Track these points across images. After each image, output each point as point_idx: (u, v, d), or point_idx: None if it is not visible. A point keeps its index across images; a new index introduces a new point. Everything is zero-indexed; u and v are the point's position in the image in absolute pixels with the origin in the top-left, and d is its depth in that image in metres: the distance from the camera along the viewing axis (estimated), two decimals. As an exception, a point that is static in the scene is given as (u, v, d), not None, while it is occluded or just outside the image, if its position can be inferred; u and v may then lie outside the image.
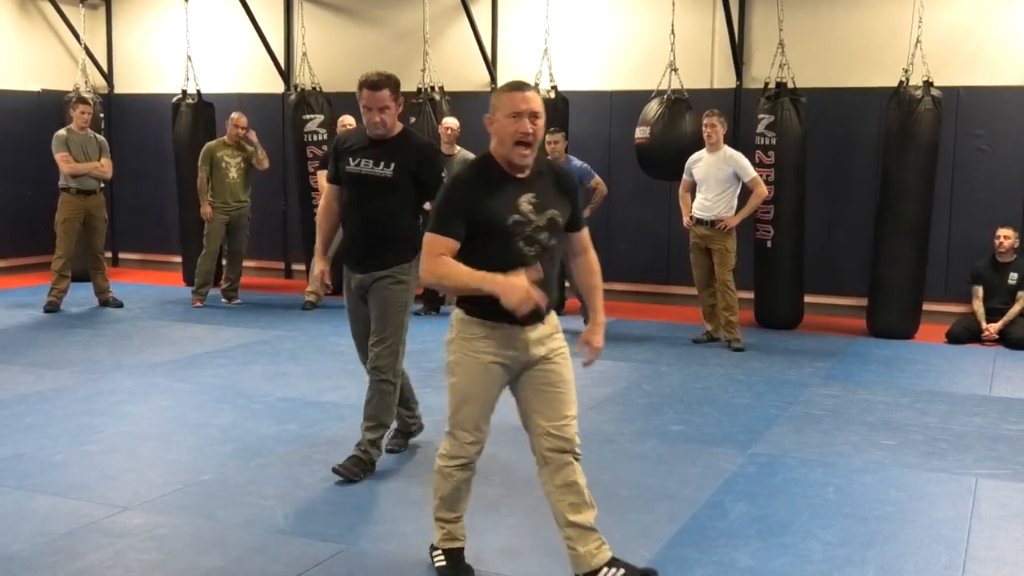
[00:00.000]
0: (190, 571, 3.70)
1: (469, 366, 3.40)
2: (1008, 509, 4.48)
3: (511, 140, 3.34)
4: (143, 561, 3.77)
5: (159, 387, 6.44)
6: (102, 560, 3.77)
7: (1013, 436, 5.59)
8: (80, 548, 3.87)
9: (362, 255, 4.73)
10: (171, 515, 4.24)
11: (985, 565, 3.86)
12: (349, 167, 4.68)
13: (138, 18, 12.25)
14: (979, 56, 8.87)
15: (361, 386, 6.48)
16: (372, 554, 3.87)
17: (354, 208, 4.74)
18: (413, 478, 4.76)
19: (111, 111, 11.95)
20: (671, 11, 8.91)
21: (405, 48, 10.70)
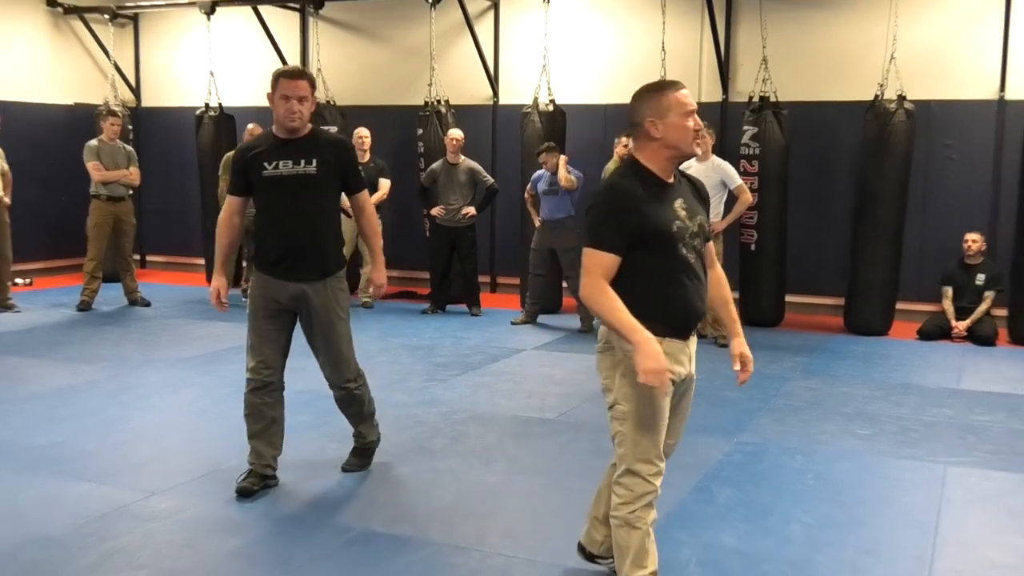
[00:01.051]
0: (213, 552, 3.71)
1: (647, 389, 2.94)
2: (975, 494, 4.49)
3: (690, 138, 3.03)
4: (169, 543, 3.79)
5: (184, 381, 6.45)
6: (131, 542, 3.78)
7: (980, 426, 5.60)
8: (111, 531, 3.89)
9: (292, 262, 4.24)
10: (195, 500, 4.25)
11: (954, 546, 3.87)
12: (266, 171, 4.18)
13: (164, 36, 12.27)
14: (949, 72, 8.88)
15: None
16: (383, 536, 3.88)
17: (277, 214, 4.26)
18: (419, 465, 4.77)
19: (139, 123, 11.97)
20: (662, 29, 8.91)
21: (413, 64, 10.71)
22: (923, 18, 8.83)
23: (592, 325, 8.43)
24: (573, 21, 10.13)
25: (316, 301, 4.29)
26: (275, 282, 4.30)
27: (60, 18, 11.74)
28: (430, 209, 9.07)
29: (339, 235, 4.45)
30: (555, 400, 6.07)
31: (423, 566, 3.60)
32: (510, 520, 4.09)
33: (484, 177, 9.01)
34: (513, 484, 4.53)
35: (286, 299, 4.31)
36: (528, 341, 7.96)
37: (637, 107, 3.10)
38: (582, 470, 4.73)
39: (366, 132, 9.44)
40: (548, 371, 6.92)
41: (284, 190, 4.21)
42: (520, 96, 10.06)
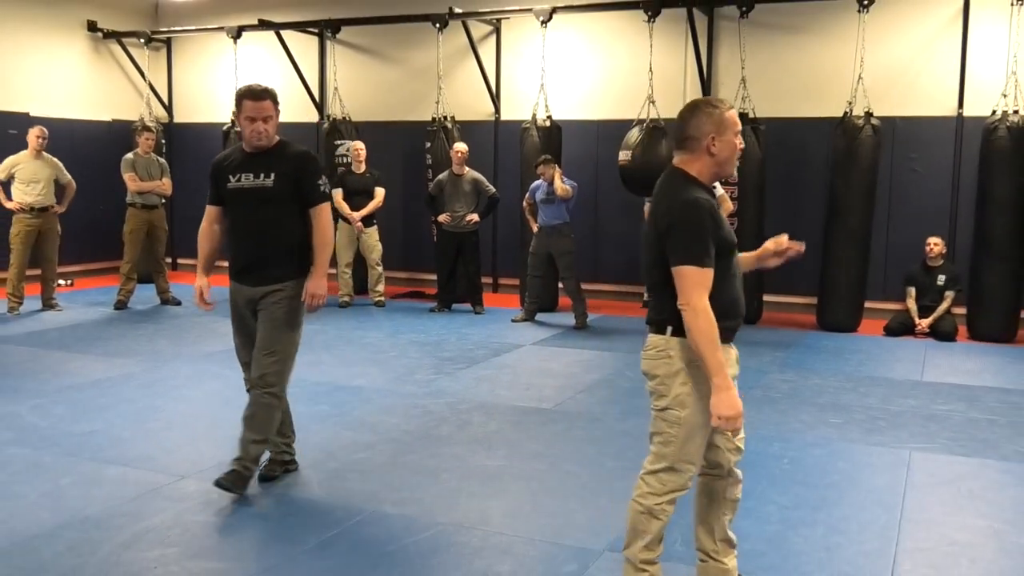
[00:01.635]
0: (237, 531, 3.70)
1: (705, 395, 2.83)
2: (937, 478, 4.48)
3: (736, 157, 2.96)
4: (198, 522, 3.78)
5: (211, 373, 6.44)
6: (164, 521, 3.77)
7: (942, 415, 5.58)
8: (145, 511, 3.88)
9: (250, 267, 4.19)
10: (222, 483, 4.24)
11: (918, 525, 3.86)
12: (230, 184, 4.13)
13: (195, 58, 12.26)
14: (913, 90, 8.86)
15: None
16: (393, 516, 3.87)
17: (239, 223, 4.20)
18: (426, 451, 4.76)
19: (171, 138, 11.96)
20: (649, 52, 8.89)
21: (421, 83, 10.70)
22: (888, 41, 8.81)
23: (586, 323, 8.42)
24: (568, 43, 10.12)
25: (263, 306, 4.19)
26: (239, 287, 4.27)
27: (99, 42, 11.74)
28: (437, 216, 9.06)
29: (300, 245, 4.19)
30: (551, 391, 6.06)
31: (430, 544, 3.59)
32: (510, 501, 4.08)
33: (487, 187, 9.00)
34: (513, 468, 4.52)
35: (245, 303, 4.26)
36: (527, 337, 7.95)
37: (696, 122, 2.90)
38: (576, 455, 4.72)
39: (361, 145, 9.46)
40: (545, 365, 6.91)
41: (245, 202, 4.14)
42: (520, 112, 10.04)
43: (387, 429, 5.13)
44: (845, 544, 3.62)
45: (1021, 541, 3.71)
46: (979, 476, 4.51)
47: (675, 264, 2.78)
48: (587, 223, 9.78)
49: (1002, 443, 5.03)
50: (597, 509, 3.97)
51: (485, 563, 3.43)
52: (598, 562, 3.44)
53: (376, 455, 4.67)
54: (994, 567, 3.49)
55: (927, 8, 8.77)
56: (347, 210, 9.26)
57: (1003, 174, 7.87)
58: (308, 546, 3.55)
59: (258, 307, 4.20)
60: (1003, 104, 7.95)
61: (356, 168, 9.44)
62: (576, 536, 3.67)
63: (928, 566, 3.47)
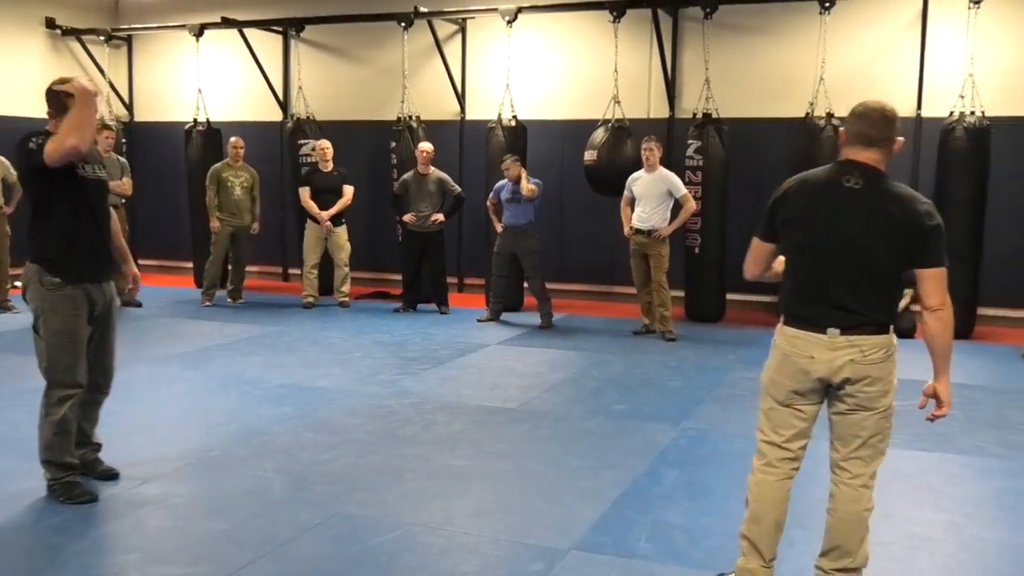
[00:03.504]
0: (200, 534, 3.66)
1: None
2: (895, 472, 4.52)
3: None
4: (160, 527, 3.73)
5: (172, 376, 6.36)
6: (125, 526, 3.72)
7: (902, 411, 5.58)
8: (106, 515, 3.82)
9: (102, 260, 4.07)
10: (184, 486, 4.19)
11: (879, 520, 3.88)
12: (84, 172, 3.93)
13: (156, 56, 12.10)
14: (872, 91, 8.92)
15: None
16: (358, 517, 3.84)
17: (87, 213, 3.96)
18: (391, 451, 4.73)
19: (132, 137, 11.79)
20: (614, 52, 8.92)
21: (386, 82, 10.65)
22: (848, 43, 8.92)
23: (552, 322, 8.43)
24: (534, 43, 10.13)
25: (109, 308, 4.11)
26: (76, 286, 3.99)
27: (58, 39, 11.54)
28: (402, 216, 9.02)
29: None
30: (517, 391, 6.06)
31: (395, 545, 3.57)
32: (476, 501, 4.07)
33: (452, 186, 8.98)
34: (478, 468, 4.51)
35: (90, 298, 4.03)
36: (492, 337, 7.94)
37: (896, 125, 2.92)
38: (541, 454, 4.72)
39: (327, 144, 9.40)
40: (511, 364, 6.91)
41: (94, 192, 4.02)
42: (485, 112, 10.03)
43: (351, 430, 5.09)
44: (807, 539, 3.65)
45: (980, 534, 3.77)
46: (938, 470, 4.58)
47: (934, 265, 2.87)
48: (552, 223, 9.80)
49: (960, 438, 5.11)
50: (563, 508, 3.97)
51: (451, 563, 3.41)
52: (564, 561, 3.44)
53: (340, 456, 4.63)
54: (953, 560, 3.55)
55: (887, 10, 8.89)
56: (315, 209, 9.20)
57: (960, 175, 7.99)
58: (271, 549, 3.52)
59: (103, 305, 4.08)
60: (960, 105, 8.07)
61: (323, 167, 9.38)
62: (542, 535, 3.67)
63: (889, 560, 3.51)
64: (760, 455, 3.07)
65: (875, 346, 2.90)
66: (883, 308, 2.94)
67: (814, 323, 2.91)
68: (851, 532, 3.01)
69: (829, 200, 2.91)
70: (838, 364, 2.89)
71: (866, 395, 2.93)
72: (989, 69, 8.36)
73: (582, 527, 3.76)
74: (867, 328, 2.89)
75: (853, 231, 2.87)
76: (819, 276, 2.92)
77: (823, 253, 2.91)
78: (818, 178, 3.00)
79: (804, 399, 2.97)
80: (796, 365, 2.93)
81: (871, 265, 2.88)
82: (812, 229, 2.92)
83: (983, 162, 7.94)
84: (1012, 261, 8.47)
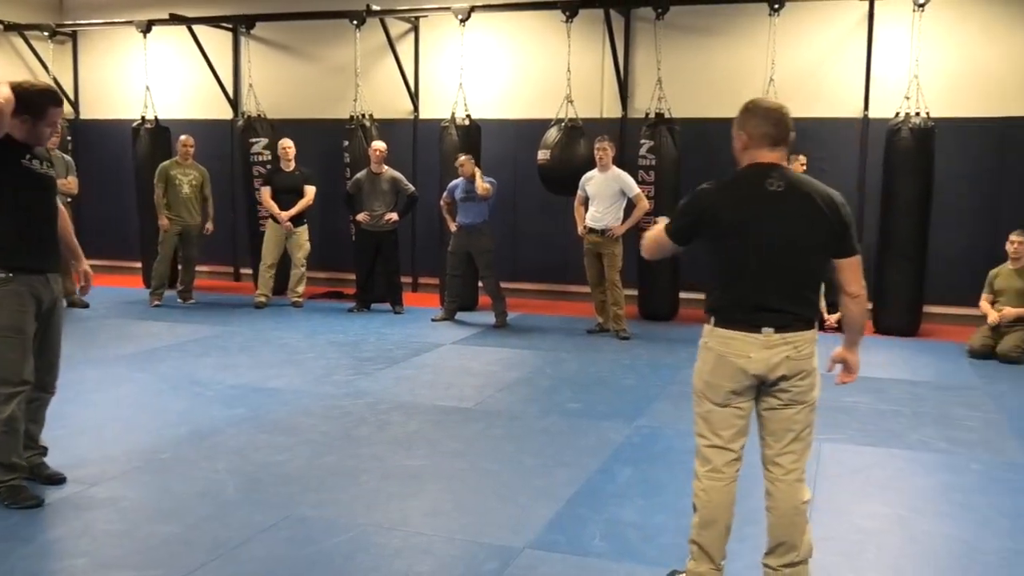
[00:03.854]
0: (151, 538, 3.60)
1: None
2: (846, 467, 4.62)
3: None
4: (109, 531, 3.67)
5: (122, 377, 6.26)
6: (73, 530, 3.66)
7: (850, 407, 5.76)
8: (53, 520, 3.75)
9: (49, 253, 4.04)
10: (133, 489, 4.12)
11: (828, 514, 3.98)
12: (30, 165, 3.87)
13: (101, 52, 11.88)
14: (820, 93, 9.13)
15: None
16: (312, 518, 3.82)
17: (34, 206, 3.91)
18: (345, 452, 4.71)
19: (78, 135, 11.54)
20: (567, 52, 8.96)
21: (339, 80, 10.58)
22: (797, 45, 9.06)
23: (506, 322, 8.44)
24: (487, 43, 10.13)
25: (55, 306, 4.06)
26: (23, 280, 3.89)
27: (0, 36, 11.29)
28: (355, 215, 8.97)
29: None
30: (472, 390, 6.06)
31: (350, 546, 3.55)
32: (431, 501, 4.06)
33: (405, 186, 8.95)
34: (433, 467, 4.50)
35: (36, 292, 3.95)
36: (447, 336, 7.93)
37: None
38: (496, 453, 4.73)
39: (289, 143, 9.32)
40: (465, 364, 6.91)
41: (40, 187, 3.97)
42: (439, 111, 10.01)
43: (305, 431, 5.06)
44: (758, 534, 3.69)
45: (925, 527, 3.86)
46: (885, 465, 4.67)
47: (853, 253, 3.01)
48: (506, 222, 9.81)
49: (907, 433, 5.22)
50: (517, 507, 3.98)
51: (406, 563, 3.41)
52: (518, 560, 3.45)
53: (294, 457, 4.60)
54: (899, 553, 3.62)
55: (834, 13, 9.04)
56: (276, 209, 9.12)
57: (906, 175, 8.15)
58: (224, 552, 3.48)
59: (50, 302, 4.01)
60: (906, 106, 8.24)
61: (285, 166, 9.27)
62: (496, 534, 3.68)
63: (838, 554, 3.58)
64: (704, 460, 3.08)
65: (806, 342, 2.99)
66: (812, 305, 3.03)
67: (750, 324, 2.95)
68: (793, 527, 3.07)
69: (759, 206, 2.95)
70: (775, 362, 2.95)
71: (799, 389, 3.00)
72: (934, 71, 8.54)
73: (536, 526, 3.77)
74: (798, 325, 2.97)
75: (787, 233, 2.93)
76: (755, 279, 2.95)
77: (761, 258, 2.94)
78: (739, 185, 3.03)
79: (741, 397, 3.01)
80: (733, 365, 2.97)
81: (806, 264, 2.96)
82: (745, 237, 2.94)
83: (928, 162, 8.11)
84: (957, 260, 8.66)
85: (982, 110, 8.66)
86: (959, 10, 8.68)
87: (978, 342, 7.36)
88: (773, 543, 3.11)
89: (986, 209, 8.70)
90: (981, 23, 8.67)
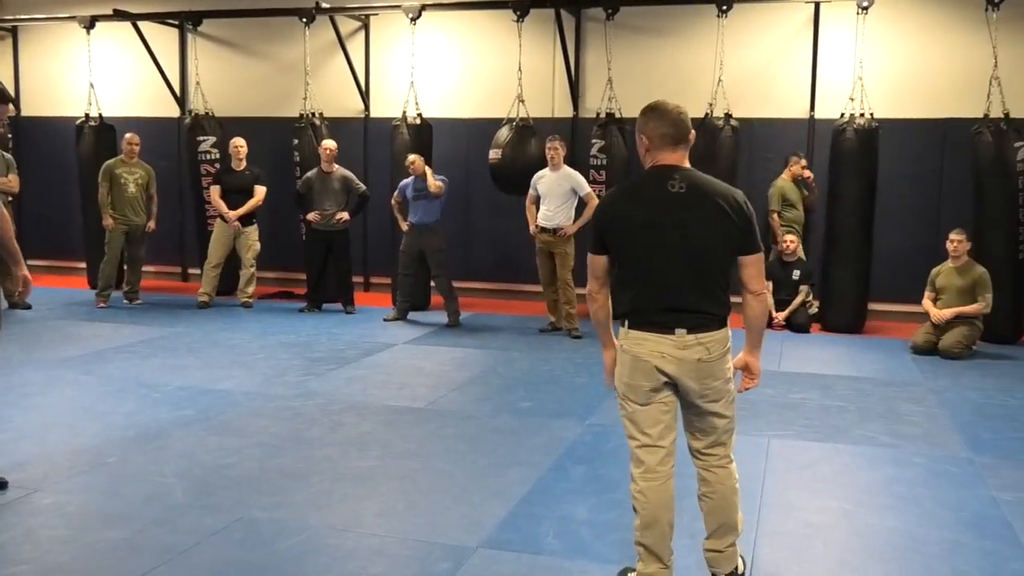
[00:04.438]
0: (96, 544, 3.54)
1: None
2: (793, 463, 4.69)
3: None
4: (52, 537, 3.59)
5: (66, 380, 6.13)
6: (14, 537, 3.57)
7: (797, 403, 5.85)
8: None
9: None
10: (78, 495, 4.05)
11: (776, 509, 4.04)
12: None
13: (45, 49, 11.61)
14: (768, 94, 9.26)
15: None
16: (264, 521, 3.78)
17: None
18: (297, 454, 4.67)
19: (19, 132, 11.30)
20: (518, 51, 8.98)
21: (288, 78, 10.48)
22: (745, 46, 9.17)
23: (459, 321, 8.43)
24: (438, 42, 10.10)
25: None
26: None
27: (-64, 29, 11.00)
28: (306, 214, 8.90)
29: None
30: (424, 390, 6.05)
31: (301, 548, 3.52)
32: (383, 502, 4.05)
33: (357, 184, 8.90)
34: (386, 468, 4.49)
35: None
36: (399, 336, 7.90)
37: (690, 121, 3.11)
38: (449, 453, 4.73)
39: (241, 142, 9.21)
40: (418, 364, 6.89)
41: None
42: (390, 110, 9.97)
43: (255, 432, 5.00)
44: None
45: (870, 521, 3.93)
46: (832, 460, 4.75)
47: (757, 251, 3.05)
48: (458, 221, 9.80)
49: (852, 428, 5.32)
50: (471, 506, 3.98)
51: (358, 565, 3.39)
52: (471, 559, 3.45)
53: (244, 460, 4.55)
54: (845, 546, 3.69)
55: (781, 15, 9.17)
56: (223, 208, 9.01)
57: (851, 174, 8.30)
58: (172, 556, 3.43)
59: None
60: (851, 107, 8.39)
61: (236, 165, 9.16)
62: (450, 534, 3.67)
63: (786, 549, 3.64)
64: (637, 462, 3.10)
65: (719, 342, 3.02)
66: (723, 303, 3.05)
67: (662, 326, 2.98)
68: (731, 508, 3.18)
69: (661, 208, 2.99)
70: (687, 363, 2.99)
71: (714, 390, 3.05)
72: (878, 73, 8.72)
73: (489, 525, 3.78)
74: (712, 325, 3.01)
75: (692, 233, 2.97)
76: (662, 281, 2.99)
77: (665, 259, 2.97)
78: (641, 189, 3.08)
79: (662, 393, 3.05)
80: (648, 364, 3.00)
81: (712, 263, 3.00)
82: (651, 238, 2.98)
83: (872, 162, 8.27)
84: (900, 258, 8.84)
85: (924, 111, 8.85)
86: (901, 13, 8.86)
87: (921, 339, 7.53)
88: (714, 526, 3.20)
89: (928, 208, 8.90)
90: (923, 27, 8.86)
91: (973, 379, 6.65)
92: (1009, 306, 7.89)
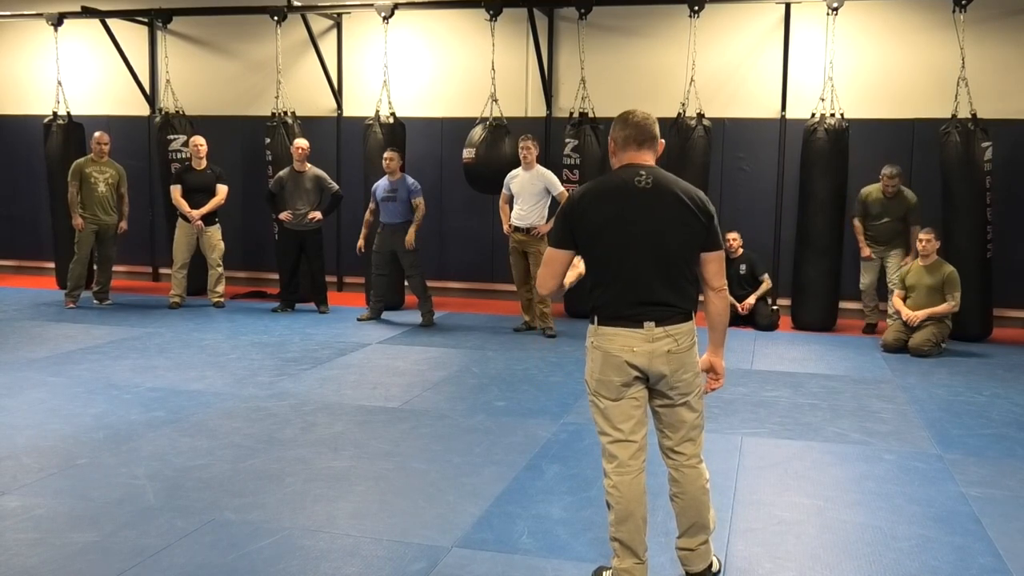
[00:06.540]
0: (66, 547, 3.50)
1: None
2: (766, 460, 4.73)
3: None
4: (20, 540, 3.55)
5: (34, 381, 6.05)
6: (-19, 541, 3.52)
7: (770, 401, 5.89)
8: (-41, 531, 3.61)
9: None
10: (47, 497, 3.99)
11: (749, 506, 4.06)
12: None
13: (10, 46, 11.45)
14: (740, 93, 9.32)
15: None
16: (236, 523, 3.75)
17: None
18: (270, 454, 4.64)
19: (-16, 130, 11.15)
20: (491, 51, 8.97)
21: (260, 77, 10.41)
22: (716, 47, 9.23)
23: (433, 320, 8.41)
24: (411, 41, 10.08)
25: None
26: None
27: (-101, 25, 10.82)
28: (278, 214, 8.84)
29: None
30: (398, 390, 6.03)
31: (274, 550, 3.50)
32: (357, 502, 4.03)
33: (329, 184, 8.85)
34: (360, 468, 4.47)
35: None
36: (373, 336, 7.87)
37: (657, 127, 3.19)
38: (423, 453, 4.72)
39: (202, 140, 9.13)
40: (392, 363, 6.87)
41: None
42: (363, 109, 9.93)
43: (227, 434, 4.97)
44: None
45: (842, 517, 3.97)
46: (804, 457, 4.79)
47: (718, 248, 3.12)
48: (432, 220, 9.77)
49: (824, 426, 5.36)
50: (445, 506, 3.98)
51: (332, 566, 3.37)
52: (446, 559, 3.45)
53: (216, 461, 4.51)
54: (817, 542, 3.72)
55: (752, 16, 9.23)
56: (186, 208, 8.92)
57: (822, 174, 8.38)
58: (144, 559, 3.40)
59: None
60: (821, 108, 8.46)
61: (196, 164, 9.10)
62: (424, 534, 3.67)
63: (759, 545, 3.66)
64: (610, 457, 3.14)
65: (686, 334, 3.10)
66: (689, 297, 3.11)
67: (632, 320, 3.04)
68: (702, 507, 3.21)
69: (628, 203, 3.05)
70: (658, 355, 3.05)
71: (684, 383, 3.11)
72: (848, 73, 8.80)
73: (464, 524, 3.77)
74: (678, 318, 3.08)
75: (658, 228, 3.03)
76: (631, 276, 3.04)
77: (633, 254, 3.03)
78: (610, 186, 3.12)
79: (633, 388, 3.09)
80: (619, 359, 3.05)
81: (677, 257, 3.06)
82: (620, 233, 3.04)
83: (842, 161, 8.35)
84: (869, 256, 8.92)
85: (893, 112, 8.95)
86: (871, 14, 8.95)
87: (891, 337, 7.61)
88: (686, 525, 3.23)
89: (897, 207, 8.98)
90: (892, 28, 8.96)
91: (942, 377, 6.73)
92: (977, 304, 7.99)
